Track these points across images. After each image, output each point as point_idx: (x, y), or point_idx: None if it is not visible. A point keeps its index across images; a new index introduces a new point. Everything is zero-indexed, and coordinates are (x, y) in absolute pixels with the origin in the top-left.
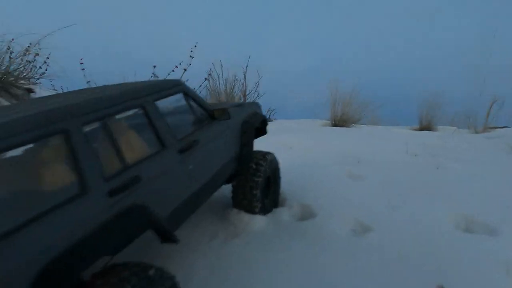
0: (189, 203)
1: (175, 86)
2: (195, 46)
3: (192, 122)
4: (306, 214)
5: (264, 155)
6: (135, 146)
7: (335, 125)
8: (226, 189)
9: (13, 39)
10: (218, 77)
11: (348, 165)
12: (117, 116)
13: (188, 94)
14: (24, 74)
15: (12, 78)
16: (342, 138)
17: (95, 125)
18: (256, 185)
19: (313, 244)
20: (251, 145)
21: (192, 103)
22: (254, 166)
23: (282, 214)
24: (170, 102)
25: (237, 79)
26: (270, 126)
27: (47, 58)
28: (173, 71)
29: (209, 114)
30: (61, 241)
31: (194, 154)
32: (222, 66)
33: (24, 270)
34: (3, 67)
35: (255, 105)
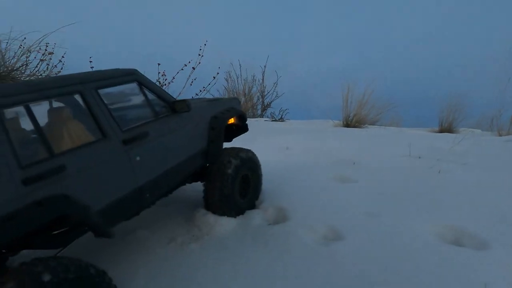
0: (133, 196)
1: (127, 75)
2: (205, 45)
3: (145, 113)
4: (280, 218)
5: (239, 151)
6: (66, 134)
7: (347, 126)
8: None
9: (25, 38)
10: (237, 77)
11: (341, 168)
12: (46, 102)
13: (144, 84)
14: (40, 73)
15: (23, 76)
16: (345, 140)
17: (17, 110)
18: (226, 183)
19: (272, 252)
20: (219, 141)
21: (149, 93)
22: (224, 163)
23: (254, 217)
24: (121, 92)
25: (255, 79)
26: (278, 126)
27: (62, 57)
28: (182, 69)
29: (170, 106)
30: None
31: (142, 146)
32: (240, 66)
33: None
34: (18, 65)
35: (234, 100)
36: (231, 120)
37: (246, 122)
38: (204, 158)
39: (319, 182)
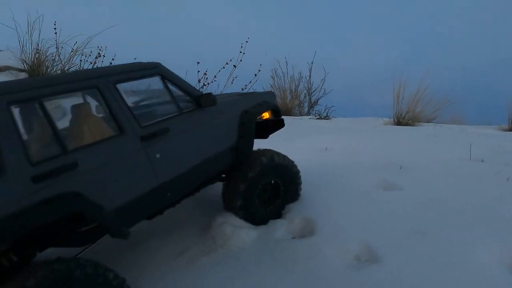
0: (153, 196)
1: (149, 69)
2: (247, 42)
3: (168, 108)
4: (307, 232)
5: (266, 155)
6: (81, 130)
7: (398, 124)
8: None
9: (76, 42)
10: (283, 74)
11: (386, 173)
12: (60, 98)
13: (167, 77)
14: None
15: None
16: (393, 140)
17: (29, 106)
18: (240, 187)
19: (293, 274)
20: (250, 137)
21: (172, 87)
22: (245, 165)
23: (278, 228)
24: (143, 86)
25: (302, 76)
26: (322, 124)
27: (113, 59)
28: (223, 67)
29: (195, 100)
30: None
31: (163, 142)
32: (287, 63)
33: None
34: (67, 67)
35: (268, 94)
36: (266, 115)
37: (282, 117)
38: (234, 155)
39: (358, 189)
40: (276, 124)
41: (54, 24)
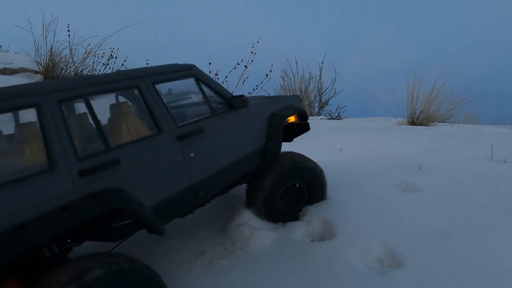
0: (187, 194)
1: (184, 70)
2: (258, 42)
3: (202, 108)
4: (326, 234)
5: (294, 158)
6: (122, 128)
7: (412, 123)
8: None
9: (89, 44)
10: (293, 75)
11: (404, 173)
12: (104, 97)
13: (201, 79)
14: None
15: None
16: (409, 140)
17: (76, 104)
18: (262, 187)
19: (313, 277)
20: (278, 139)
21: (206, 89)
22: (272, 166)
23: (296, 230)
24: (178, 87)
25: (312, 77)
26: (334, 125)
27: (125, 60)
28: (234, 68)
29: (227, 102)
30: (15, 213)
31: (197, 142)
32: (297, 64)
33: None
34: (81, 69)
35: (294, 98)
36: (291, 119)
37: (308, 121)
38: (262, 157)
39: (376, 191)
40: (300, 127)
41: (68, 26)
